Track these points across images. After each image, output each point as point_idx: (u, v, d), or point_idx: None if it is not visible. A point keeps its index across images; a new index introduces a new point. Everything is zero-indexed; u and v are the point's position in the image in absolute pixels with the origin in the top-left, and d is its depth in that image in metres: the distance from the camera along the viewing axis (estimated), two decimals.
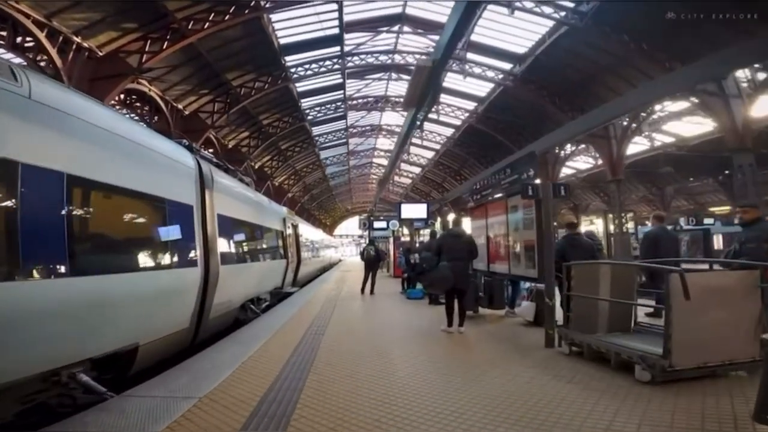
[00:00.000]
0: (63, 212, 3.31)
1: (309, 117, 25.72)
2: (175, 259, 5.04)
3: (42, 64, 11.56)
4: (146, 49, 13.50)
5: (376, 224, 19.51)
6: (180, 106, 18.21)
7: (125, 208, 4.34)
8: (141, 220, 4.66)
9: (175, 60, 15.52)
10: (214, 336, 6.54)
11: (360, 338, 5.93)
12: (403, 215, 14.99)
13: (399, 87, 26.75)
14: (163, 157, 5.11)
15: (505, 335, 6.03)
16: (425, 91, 9.45)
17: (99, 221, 3.92)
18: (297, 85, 22.61)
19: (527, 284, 6.66)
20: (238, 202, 7.75)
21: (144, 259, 4.51)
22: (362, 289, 11.48)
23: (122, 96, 15.69)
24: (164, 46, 13.61)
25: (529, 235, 5.82)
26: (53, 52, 11.54)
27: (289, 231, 13.16)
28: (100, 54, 13.09)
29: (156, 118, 16.77)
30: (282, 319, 7.48)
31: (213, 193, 6.33)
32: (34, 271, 3.02)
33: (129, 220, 4.45)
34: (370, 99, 27.49)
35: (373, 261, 11.62)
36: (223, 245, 6.53)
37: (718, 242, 17.79)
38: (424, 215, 14.89)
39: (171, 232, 4.97)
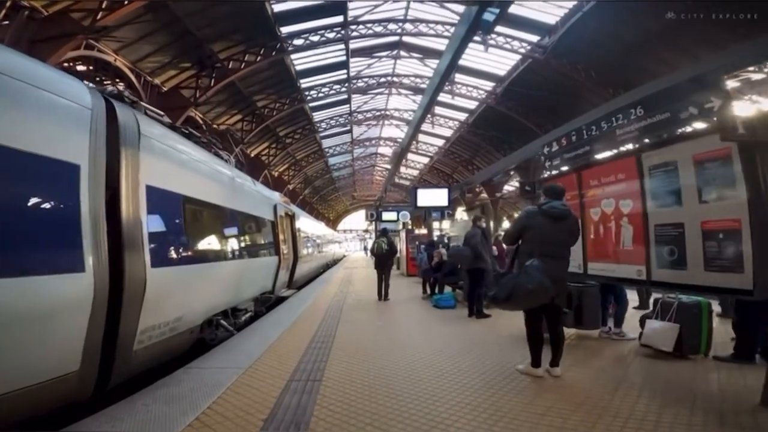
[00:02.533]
0: None
1: (308, 98, 23.18)
2: (25, 260, 2.61)
3: None
4: (102, 6, 11.07)
5: (385, 215, 17.01)
6: (157, 81, 15.76)
7: None
8: None
9: (147, 27, 13.13)
10: (154, 370, 4.19)
11: (384, 394, 3.47)
12: (420, 202, 12.46)
13: (408, 65, 24.28)
14: None
15: (646, 379, 3.58)
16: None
17: None
18: (295, 62, 20.19)
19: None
20: (194, 175, 5.29)
21: None
22: (379, 294, 9.01)
23: (90, 67, 13.28)
24: (126, 2, 11.17)
25: (718, 210, 3.20)
26: None
27: (283, 222, 10.71)
28: (46, 13, 10.64)
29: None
30: (258, 347, 5.04)
31: (140, 156, 3.89)
32: None
33: None
34: (376, 78, 24.91)
35: (386, 257, 9.15)
36: (158, 237, 4.09)
37: None
38: (444, 202, 12.39)
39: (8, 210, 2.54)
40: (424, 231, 17.13)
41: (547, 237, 3.50)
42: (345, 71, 22.97)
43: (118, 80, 14.13)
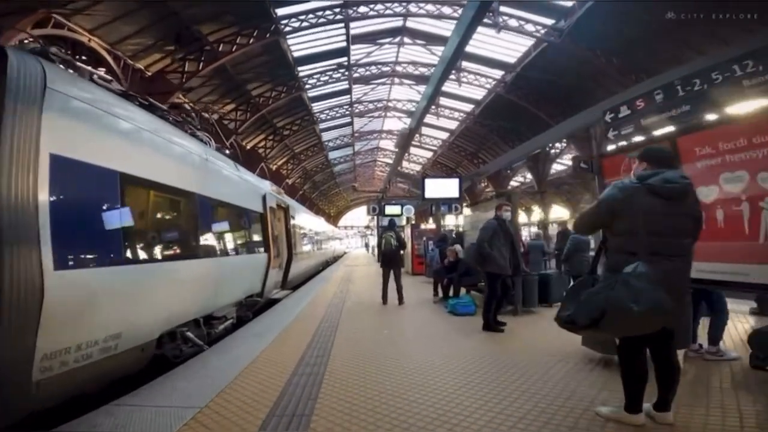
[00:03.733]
0: None
1: (307, 86, 21.94)
2: None
3: None
4: None
5: (388, 209, 15.79)
6: (140, 66, 14.53)
7: None
8: None
9: (126, 5, 11.91)
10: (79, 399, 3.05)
11: None
12: (428, 193, 11.21)
13: (413, 53, 22.99)
14: None
15: None
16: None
17: None
18: (292, 47, 18.96)
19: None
20: (146, 151, 4.08)
21: None
22: (384, 297, 7.80)
23: (69, 51, 12.04)
24: None
25: None
26: None
27: (275, 215, 9.52)
28: None
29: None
30: (226, 372, 3.84)
31: (43, 116, 2.71)
32: None
33: None
34: (378, 66, 23.64)
35: (395, 253, 7.80)
36: (71, 227, 2.89)
37: None
38: (455, 194, 11.15)
39: None
40: (430, 226, 15.94)
41: (658, 226, 2.28)
42: (345, 58, 21.72)
43: (101, 68, 12.96)
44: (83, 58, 11.73)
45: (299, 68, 20.86)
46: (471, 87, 23.59)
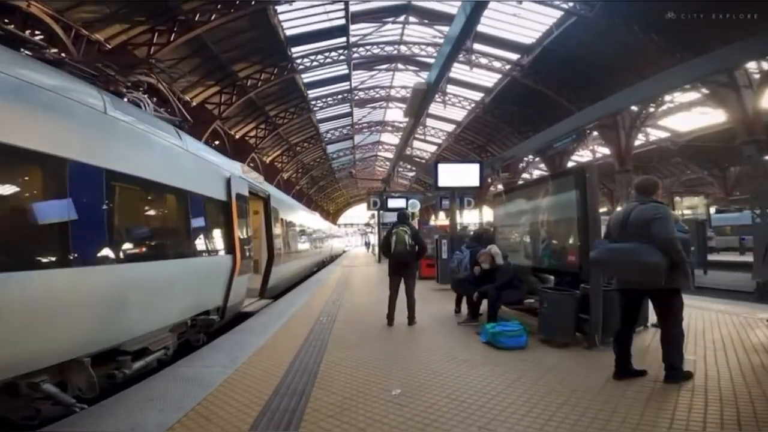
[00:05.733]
0: None
1: (300, 67, 19.80)
2: None
3: None
4: None
5: (392, 203, 13.64)
6: (98, 37, 12.42)
7: None
8: None
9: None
10: None
11: None
12: (442, 181, 9.07)
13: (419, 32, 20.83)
14: None
15: None
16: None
17: None
18: (284, 25, 16.94)
19: None
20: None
21: None
22: (390, 316, 5.63)
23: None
24: None
25: None
26: None
27: (248, 206, 7.46)
28: None
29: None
30: None
31: None
32: None
33: None
34: (380, 47, 21.49)
35: (407, 258, 5.58)
36: None
37: None
38: (474, 182, 9.03)
39: None
40: (439, 222, 13.79)
41: None
42: (344, 38, 19.60)
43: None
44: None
45: (292, 48, 18.78)
46: (482, 73, 21.51)
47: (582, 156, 27.31)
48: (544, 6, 15.32)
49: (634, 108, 16.94)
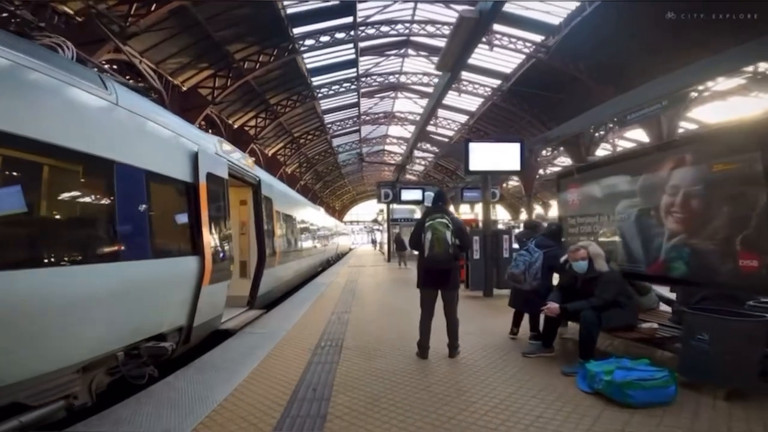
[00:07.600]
0: None
1: (302, 48, 18.03)
2: None
3: None
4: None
5: (405, 194, 11.80)
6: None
7: None
8: None
9: None
10: None
11: None
12: (473, 165, 7.23)
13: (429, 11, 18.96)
14: None
15: None
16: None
17: None
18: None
19: None
20: None
21: None
22: (422, 345, 3.89)
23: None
24: None
25: None
26: None
27: (225, 192, 5.71)
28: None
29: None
30: None
31: None
32: None
33: None
34: (390, 25, 19.66)
35: (449, 264, 3.80)
36: None
37: None
38: (515, 165, 7.19)
39: None
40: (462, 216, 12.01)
41: None
42: (351, 17, 17.81)
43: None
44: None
45: (294, 29, 17.03)
46: (501, 58, 19.66)
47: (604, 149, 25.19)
48: None
49: None
